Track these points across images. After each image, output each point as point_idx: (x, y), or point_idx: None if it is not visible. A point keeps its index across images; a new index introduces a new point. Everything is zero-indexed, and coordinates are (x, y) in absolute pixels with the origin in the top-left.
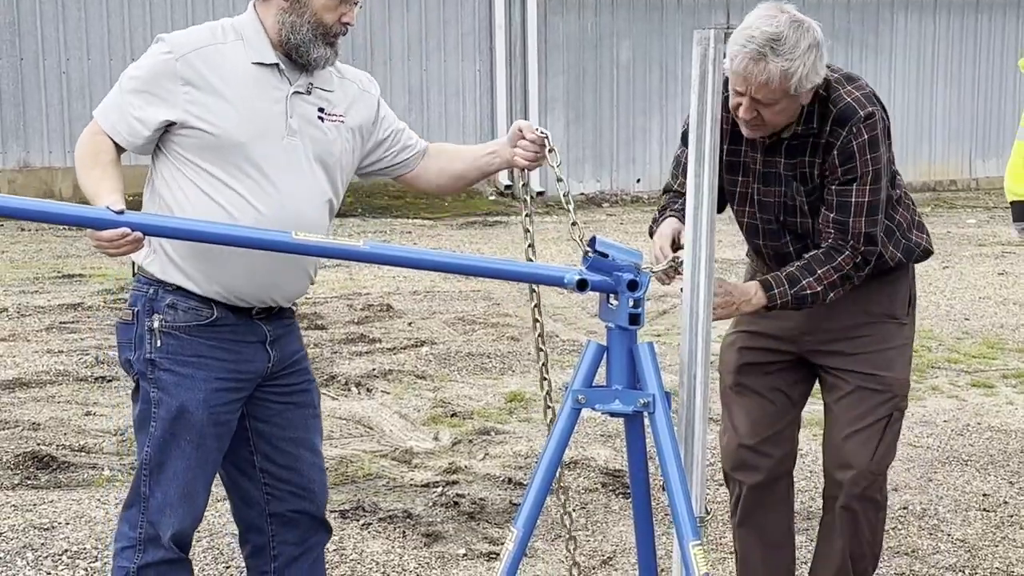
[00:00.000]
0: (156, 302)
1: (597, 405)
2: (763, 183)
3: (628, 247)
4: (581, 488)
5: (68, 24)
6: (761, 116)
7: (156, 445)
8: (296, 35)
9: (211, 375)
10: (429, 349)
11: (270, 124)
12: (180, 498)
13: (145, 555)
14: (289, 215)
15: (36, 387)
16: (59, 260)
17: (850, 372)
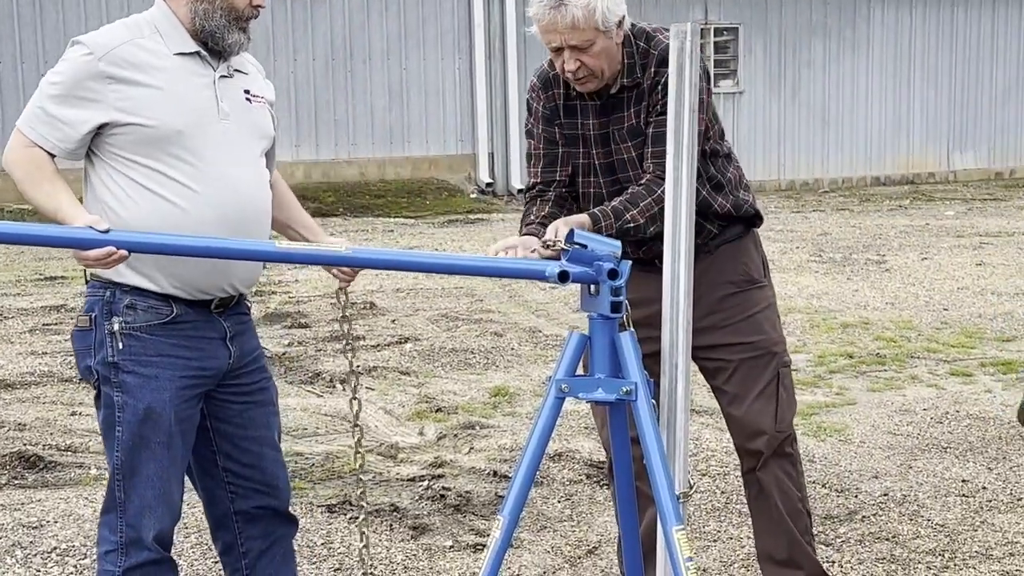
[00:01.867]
0: (114, 304)
1: (580, 394)
2: (601, 146)
3: (606, 238)
4: (566, 480)
5: (46, 28)
6: (585, 64)
7: (126, 449)
8: (210, 22)
9: (175, 373)
10: (413, 346)
11: (203, 110)
12: (157, 499)
13: (128, 558)
14: (236, 198)
15: (21, 388)
16: (40, 262)
17: (726, 348)
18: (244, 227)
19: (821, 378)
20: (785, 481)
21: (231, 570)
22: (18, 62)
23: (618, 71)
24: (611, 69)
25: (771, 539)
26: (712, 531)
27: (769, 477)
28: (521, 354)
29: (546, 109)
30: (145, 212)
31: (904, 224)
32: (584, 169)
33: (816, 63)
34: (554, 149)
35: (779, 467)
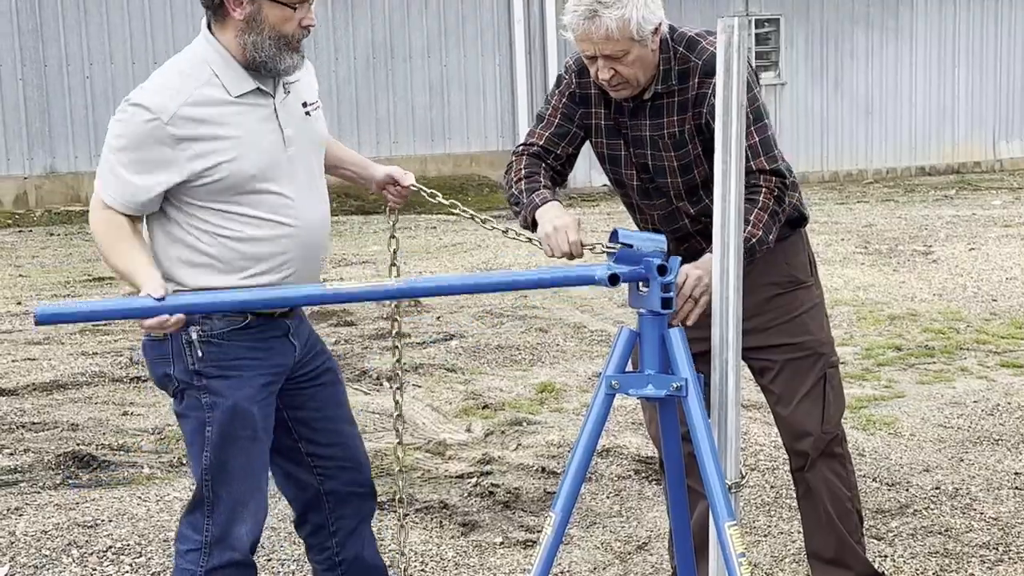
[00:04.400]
0: None
1: (631, 390)
2: (634, 146)
3: (650, 234)
4: (614, 475)
5: (90, 31)
6: (619, 73)
7: (215, 447)
8: (261, 52)
9: (254, 373)
10: (459, 343)
11: (271, 147)
12: (248, 493)
13: (211, 558)
14: (308, 222)
15: (73, 388)
16: (88, 264)
17: (772, 348)
18: (315, 245)
19: (869, 371)
20: (834, 482)
21: (320, 550)
22: (63, 64)
23: (653, 77)
24: (646, 76)
25: (820, 539)
26: (763, 526)
27: (817, 478)
28: (566, 350)
29: (576, 92)
30: (224, 248)
31: (950, 214)
32: (624, 162)
33: (859, 53)
34: (566, 126)
35: (827, 468)
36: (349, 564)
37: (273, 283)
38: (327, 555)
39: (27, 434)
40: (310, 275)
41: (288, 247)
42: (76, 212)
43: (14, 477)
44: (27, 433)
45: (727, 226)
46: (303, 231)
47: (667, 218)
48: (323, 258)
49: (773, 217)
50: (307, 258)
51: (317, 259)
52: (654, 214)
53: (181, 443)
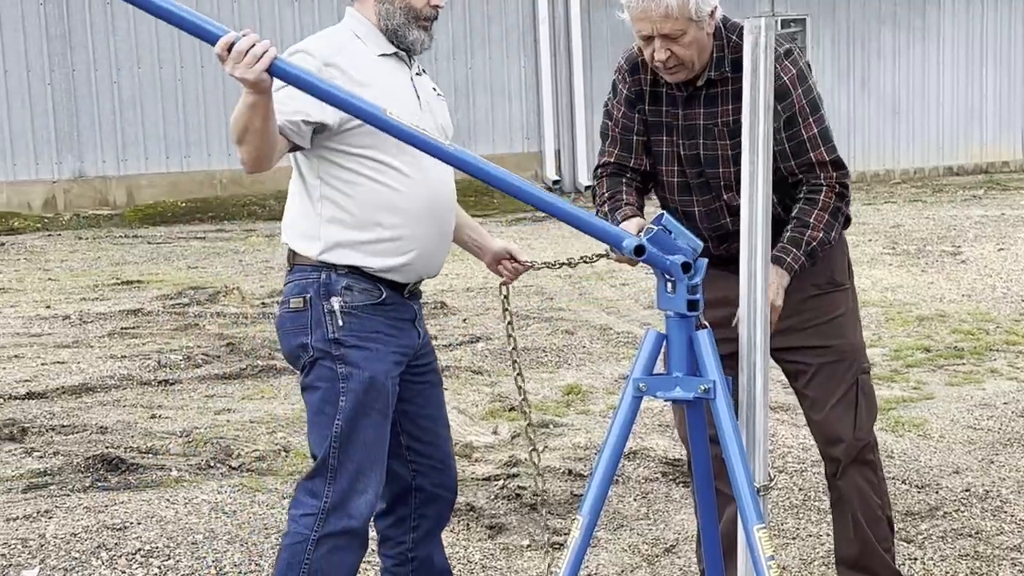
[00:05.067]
0: (331, 285)
1: (658, 392)
2: (686, 137)
3: (691, 234)
4: (641, 478)
5: (118, 35)
6: (675, 55)
7: (347, 417)
8: (392, 21)
9: (389, 348)
10: (484, 345)
11: (407, 105)
12: (371, 464)
13: (327, 524)
14: (439, 186)
15: (102, 391)
16: (117, 267)
17: (805, 350)
18: (444, 213)
19: (898, 372)
20: (865, 488)
21: (396, 543)
22: (91, 69)
23: (706, 64)
24: (701, 60)
25: (848, 545)
26: (791, 528)
27: (849, 484)
28: (593, 352)
29: (631, 93)
30: (366, 197)
31: (979, 215)
32: (667, 158)
33: (885, 53)
34: (629, 136)
35: (859, 474)
36: (420, 563)
37: (398, 251)
38: (402, 549)
39: (56, 437)
40: (434, 249)
41: (416, 203)
42: (104, 216)
43: (44, 480)
44: (56, 436)
45: (754, 228)
46: (432, 194)
47: (708, 215)
48: (447, 235)
49: (835, 215)
50: (431, 227)
51: (441, 233)
52: (695, 211)
53: (208, 446)
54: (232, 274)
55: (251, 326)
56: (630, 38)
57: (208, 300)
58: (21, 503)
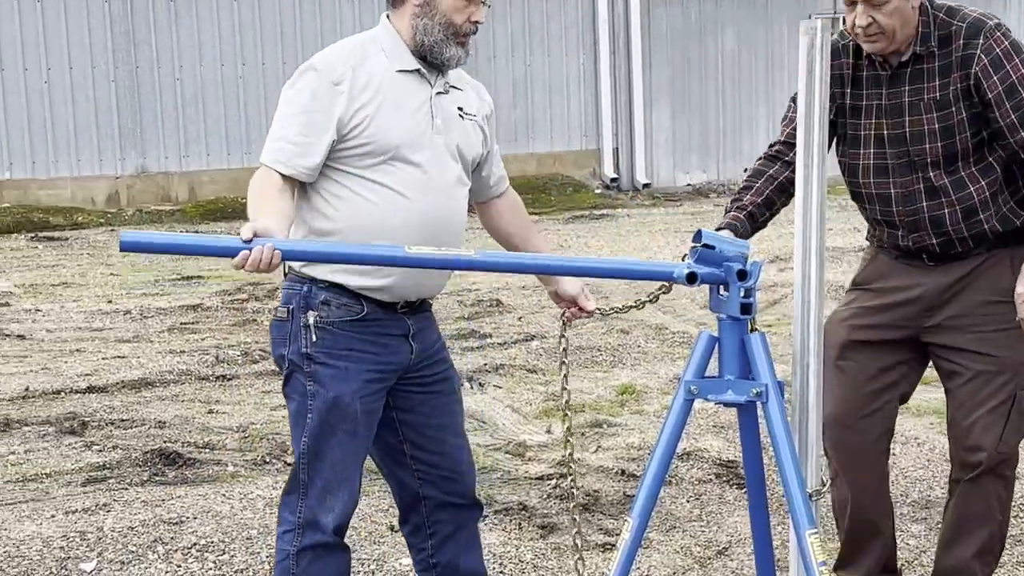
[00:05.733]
0: (310, 299)
1: (710, 395)
2: (890, 116)
3: (734, 239)
4: (695, 479)
5: (181, 33)
6: (876, 22)
7: (313, 435)
8: (429, 37)
9: (362, 367)
10: (539, 343)
11: (419, 125)
12: (338, 483)
13: (303, 538)
14: (438, 207)
15: (160, 386)
16: (177, 262)
17: (968, 354)
18: (442, 234)
19: None
20: (992, 502)
21: (417, 551)
22: (154, 66)
23: (910, 37)
24: (902, 33)
25: (949, 552)
26: None
27: (977, 493)
28: (648, 351)
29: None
30: (355, 214)
31: None
32: (865, 140)
33: None
34: None
35: (991, 486)
36: (444, 568)
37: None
38: (423, 556)
39: (116, 431)
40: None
41: (407, 224)
42: (166, 211)
43: (103, 473)
44: (116, 430)
45: (808, 229)
46: (427, 215)
47: (905, 198)
48: None
49: None
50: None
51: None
52: (890, 193)
53: (264, 441)
54: None
55: None
56: (691, 36)
57: (266, 296)
58: (80, 496)
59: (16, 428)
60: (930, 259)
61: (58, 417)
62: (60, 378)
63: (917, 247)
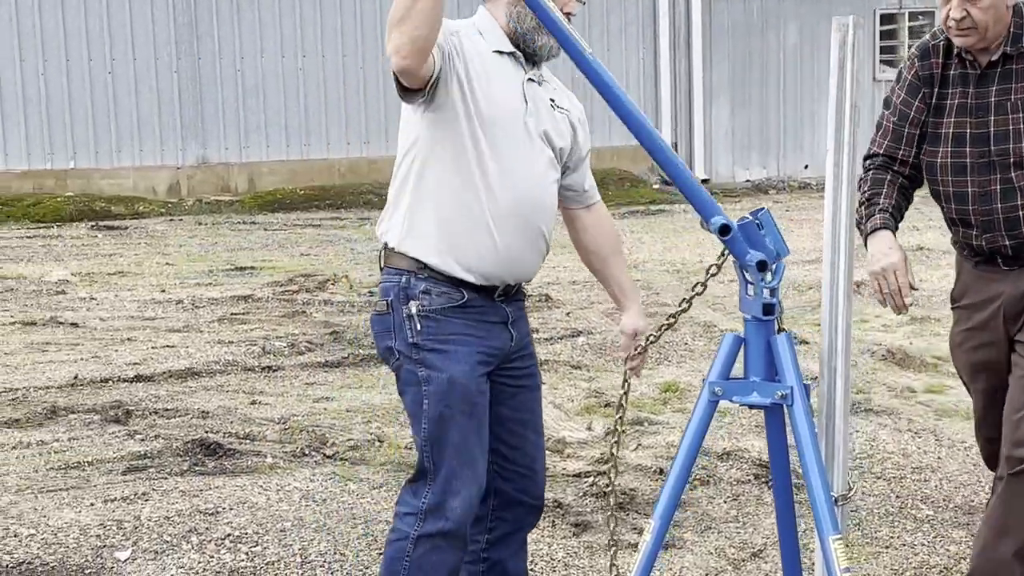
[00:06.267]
0: (410, 290)
1: (735, 397)
2: (975, 115)
3: (783, 239)
4: (733, 479)
5: (243, 26)
6: (971, 15)
7: (432, 420)
8: (522, 25)
9: (471, 349)
10: (585, 339)
11: (513, 105)
12: (462, 466)
13: (425, 525)
14: (529, 190)
15: (206, 376)
16: (232, 253)
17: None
18: (533, 218)
19: None
20: None
21: (471, 541)
22: (216, 58)
23: (1000, 36)
24: (993, 30)
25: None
26: (884, 537)
27: (1020, 490)
28: (694, 349)
29: (916, 78)
30: (457, 189)
31: None
32: (946, 139)
33: None
34: (902, 125)
35: None
36: (491, 565)
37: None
38: (475, 548)
39: (159, 420)
40: (518, 253)
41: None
42: (225, 202)
43: (143, 463)
44: (159, 419)
45: (838, 228)
46: (519, 196)
47: (981, 197)
48: (536, 242)
49: None
50: (516, 234)
51: (528, 239)
52: (967, 192)
53: (304, 433)
54: (343, 262)
55: (356, 315)
56: (752, 31)
57: (317, 288)
58: (120, 485)
59: (62, 416)
60: (1004, 263)
61: (104, 406)
62: (109, 367)
63: (990, 248)
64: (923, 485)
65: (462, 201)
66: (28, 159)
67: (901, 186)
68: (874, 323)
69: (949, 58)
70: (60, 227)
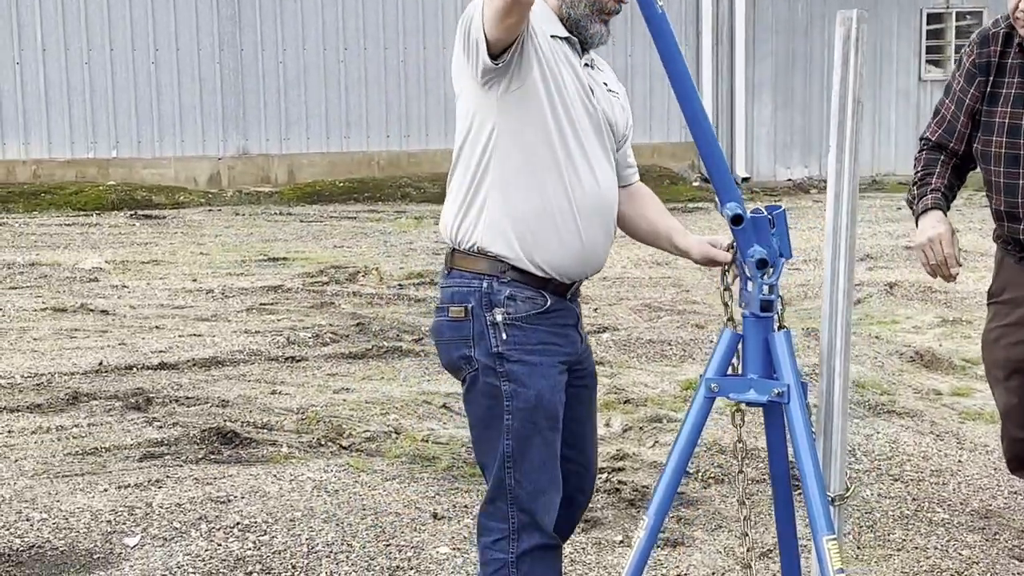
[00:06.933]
0: (493, 295)
1: (732, 394)
2: None
3: (789, 242)
4: (748, 478)
5: (285, 17)
6: None
7: (518, 437)
8: (575, 11)
9: (554, 360)
10: (611, 335)
11: (572, 84)
12: (549, 483)
13: (521, 543)
14: (599, 182)
15: (230, 366)
16: (267, 244)
17: None
18: (610, 211)
19: None
20: None
21: None
22: (258, 50)
23: None
24: None
25: None
26: (897, 539)
27: None
28: None
29: (973, 66)
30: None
31: None
32: (998, 128)
33: None
34: (957, 115)
35: None
36: None
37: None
38: None
39: (179, 408)
40: (596, 248)
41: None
42: (265, 193)
43: (160, 450)
44: (179, 407)
45: (839, 228)
46: (589, 189)
47: None
48: (610, 233)
49: None
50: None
51: (604, 233)
52: (1017, 184)
53: (321, 424)
54: (375, 254)
55: (384, 307)
56: (796, 29)
57: (347, 279)
58: (135, 471)
59: (84, 402)
60: None
61: (126, 392)
62: (135, 354)
63: None
64: (941, 488)
65: (548, 194)
66: (71, 148)
67: (955, 166)
68: (904, 324)
69: (1008, 46)
70: (100, 215)
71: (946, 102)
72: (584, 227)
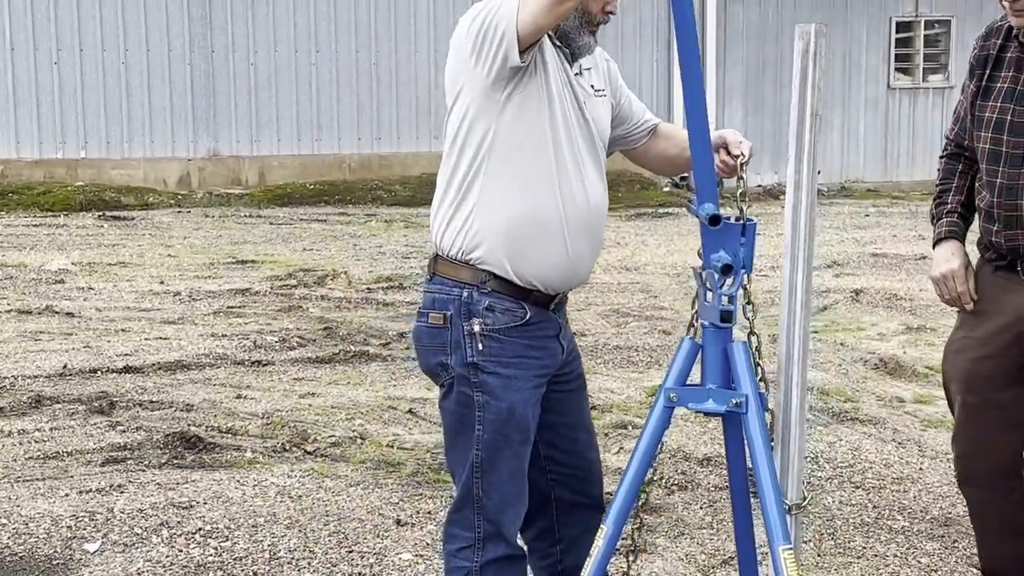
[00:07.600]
0: (472, 305)
1: (690, 404)
2: (1019, 103)
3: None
4: (712, 485)
5: (257, 19)
6: None
7: (488, 448)
8: (565, 23)
9: (529, 374)
10: (578, 341)
11: (575, 100)
12: (515, 495)
13: (486, 552)
14: (599, 194)
15: (195, 369)
16: (236, 246)
17: None
18: (599, 223)
19: None
20: None
21: (541, 555)
22: (229, 51)
23: None
24: None
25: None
26: (857, 547)
27: None
28: None
29: (974, 59)
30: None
31: None
32: (987, 123)
33: None
34: (964, 113)
35: None
36: (571, 573)
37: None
38: (550, 561)
39: (143, 412)
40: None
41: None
42: (235, 195)
43: (123, 454)
44: (143, 411)
45: (797, 239)
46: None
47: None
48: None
49: None
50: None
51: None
52: (995, 182)
53: (286, 429)
54: (344, 258)
55: (352, 311)
56: (767, 36)
57: (316, 283)
58: (97, 476)
59: (47, 405)
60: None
61: (90, 396)
62: (100, 357)
63: (1009, 245)
64: (902, 496)
65: (539, 205)
66: (40, 148)
67: (974, 174)
68: (870, 331)
69: (1008, 40)
70: (67, 216)
71: (961, 99)
72: (572, 240)
